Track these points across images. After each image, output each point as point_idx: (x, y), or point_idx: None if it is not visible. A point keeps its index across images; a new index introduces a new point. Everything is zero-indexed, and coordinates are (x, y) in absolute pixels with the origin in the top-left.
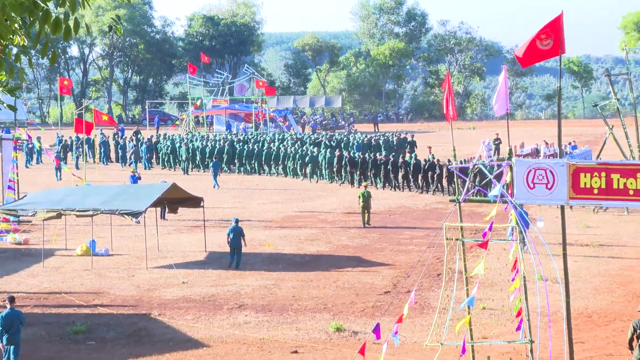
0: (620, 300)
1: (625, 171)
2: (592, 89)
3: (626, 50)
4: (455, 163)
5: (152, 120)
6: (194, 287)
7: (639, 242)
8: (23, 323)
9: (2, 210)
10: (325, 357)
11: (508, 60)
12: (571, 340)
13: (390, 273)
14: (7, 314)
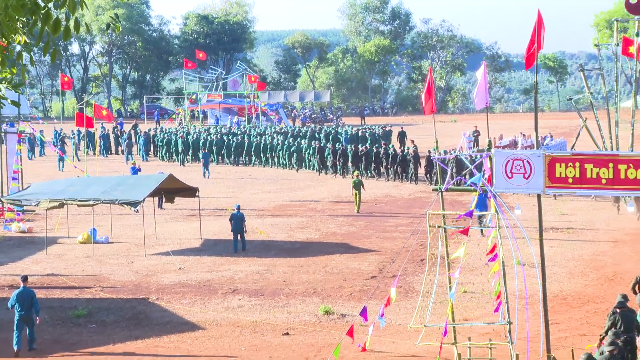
0: (594, 283)
1: (598, 161)
2: (566, 84)
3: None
4: (437, 154)
5: (152, 115)
6: (189, 272)
7: (611, 228)
8: (35, 301)
9: (7, 200)
10: (314, 339)
11: (487, 56)
12: (547, 322)
13: (376, 259)
14: (20, 291)
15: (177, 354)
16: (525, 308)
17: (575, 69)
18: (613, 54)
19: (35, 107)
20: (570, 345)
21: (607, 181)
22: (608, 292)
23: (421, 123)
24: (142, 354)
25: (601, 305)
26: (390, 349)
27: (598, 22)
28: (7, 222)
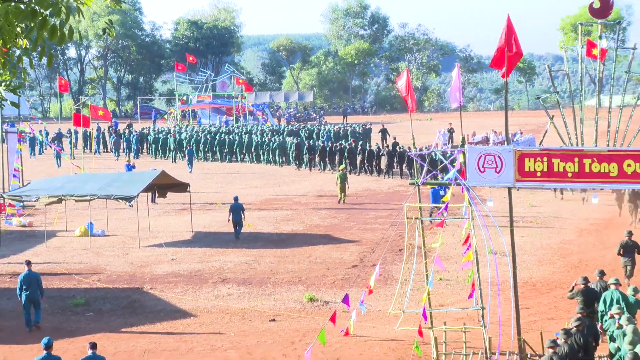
0: (561, 270)
1: (564, 156)
2: (535, 84)
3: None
4: (414, 150)
5: (146, 115)
6: (181, 263)
7: (577, 219)
8: (40, 283)
9: (8, 196)
10: (300, 325)
11: (461, 58)
12: (518, 307)
13: (358, 249)
14: (25, 274)
15: (170, 340)
16: (497, 294)
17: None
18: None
19: (35, 108)
20: (540, 328)
21: (573, 174)
22: (574, 278)
23: (399, 121)
24: (137, 340)
25: (568, 291)
26: (371, 333)
27: (564, 25)
28: (9, 216)
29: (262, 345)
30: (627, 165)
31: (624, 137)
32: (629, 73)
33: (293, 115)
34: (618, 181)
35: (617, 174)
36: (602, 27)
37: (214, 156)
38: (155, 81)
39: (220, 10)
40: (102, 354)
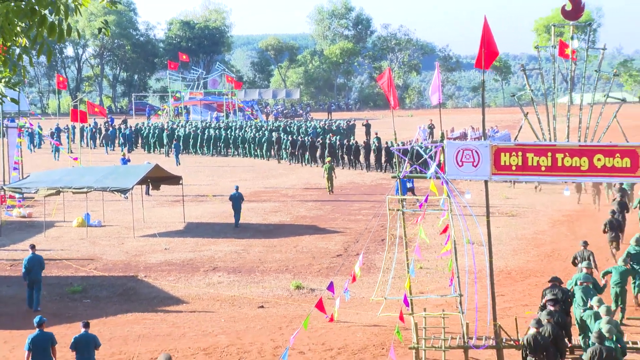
0: (535, 259)
1: (538, 151)
2: (510, 82)
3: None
4: (396, 145)
5: (141, 111)
6: (174, 252)
7: (549, 210)
8: (42, 265)
9: (9, 188)
10: (287, 311)
11: (440, 57)
12: (493, 294)
13: (342, 239)
14: (30, 257)
15: (163, 325)
16: (474, 282)
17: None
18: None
19: (34, 105)
20: (514, 314)
21: (546, 168)
22: (547, 267)
23: (381, 117)
24: (132, 325)
25: (541, 278)
26: (354, 319)
27: (538, 27)
28: (9, 208)
29: (251, 331)
30: (597, 160)
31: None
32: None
33: (281, 112)
34: (589, 175)
35: (587, 168)
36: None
37: (202, 150)
38: (149, 79)
39: (211, 11)
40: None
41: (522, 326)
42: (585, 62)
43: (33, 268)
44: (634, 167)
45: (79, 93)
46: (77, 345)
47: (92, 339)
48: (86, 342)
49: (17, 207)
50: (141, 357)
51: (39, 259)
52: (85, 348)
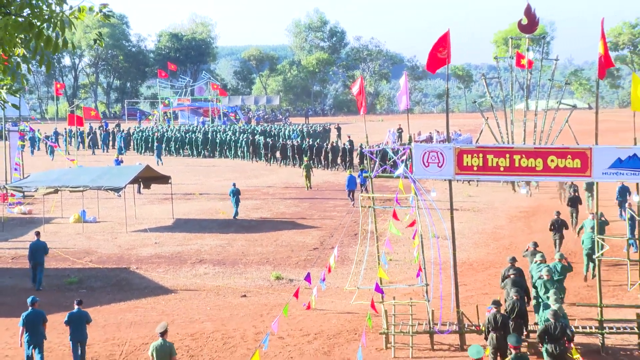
0: (494, 252)
1: (497, 152)
2: (472, 90)
3: (497, 59)
4: (367, 147)
5: (135, 116)
6: (164, 246)
7: (507, 207)
8: (46, 250)
9: (10, 187)
10: (267, 300)
11: (408, 67)
12: (457, 283)
13: (318, 233)
14: (34, 243)
15: (154, 313)
16: (439, 272)
17: (478, 77)
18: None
19: (34, 110)
20: (476, 302)
21: (505, 169)
22: (506, 259)
23: (354, 122)
24: (125, 313)
25: (500, 269)
26: (330, 307)
27: (497, 39)
28: (11, 205)
29: (235, 318)
30: (550, 161)
31: (548, 136)
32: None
33: (262, 117)
34: (543, 174)
35: (542, 168)
36: (529, 41)
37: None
38: (140, 86)
39: (197, 24)
40: (94, 326)
41: (482, 313)
42: (540, 71)
43: (37, 252)
44: (584, 168)
45: (75, 99)
46: (71, 321)
47: (84, 315)
48: (79, 317)
49: (18, 205)
50: (133, 342)
51: (42, 244)
52: (78, 323)
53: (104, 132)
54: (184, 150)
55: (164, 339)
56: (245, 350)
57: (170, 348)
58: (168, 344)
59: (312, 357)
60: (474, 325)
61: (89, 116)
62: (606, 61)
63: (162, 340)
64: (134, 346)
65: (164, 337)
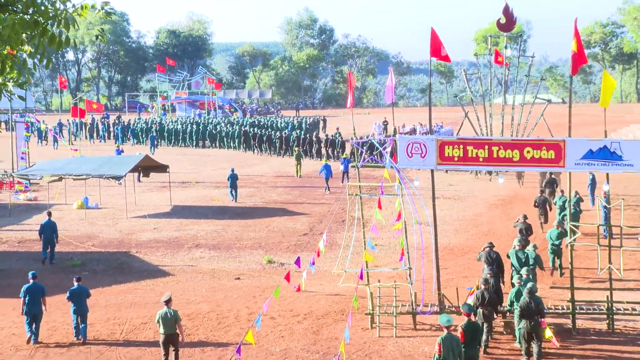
0: (473, 237)
1: (476, 144)
2: (453, 85)
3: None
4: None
5: (135, 108)
6: (162, 231)
7: (486, 196)
8: (55, 229)
9: (17, 175)
10: (260, 282)
11: (393, 63)
12: (438, 267)
13: (308, 220)
14: (46, 222)
15: (152, 295)
16: (422, 257)
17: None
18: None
19: (39, 102)
20: (456, 285)
21: (484, 159)
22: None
23: (342, 115)
24: (125, 295)
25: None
26: (318, 289)
27: (477, 37)
28: (17, 192)
29: (229, 299)
30: (526, 152)
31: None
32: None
33: (255, 110)
34: (520, 165)
35: (519, 159)
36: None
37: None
38: (140, 80)
39: (194, 21)
40: (96, 307)
41: (462, 295)
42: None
43: (47, 231)
44: (558, 158)
45: (78, 92)
46: (72, 296)
47: (84, 290)
48: (79, 293)
49: (24, 192)
50: (133, 321)
51: (52, 224)
52: (79, 298)
53: (103, 124)
54: (180, 141)
55: (169, 307)
56: (239, 330)
57: (175, 315)
58: (173, 311)
59: (301, 336)
60: (454, 306)
61: (91, 108)
62: (580, 58)
63: (167, 308)
64: (134, 325)
65: (168, 305)
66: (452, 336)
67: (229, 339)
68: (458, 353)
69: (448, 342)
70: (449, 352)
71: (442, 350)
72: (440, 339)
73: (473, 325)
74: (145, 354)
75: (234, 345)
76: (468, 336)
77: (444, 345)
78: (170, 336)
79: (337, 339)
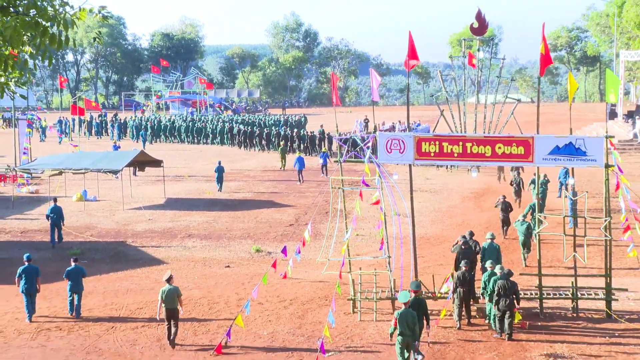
0: (448, 228)
1: (451, 140)
2: (429, 85)
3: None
4: (338, 135)
5: (131, 106)
6: (156, 222)
7: (461, 189)
8: (61, 213)
9: (19, 169)
10: (248, 270)
11: (374, 64)
12: (415, 256)
13: (294, 211)
14: (53, 207)
15: (147, 282)
16: (400, 246)
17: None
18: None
19: (40, 101)
20: (432, 272)
21: (458, 155)
22: (458, 234)
23: (326, 113)
24: (122, 282)
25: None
26: (303, 276)
27: (452, 40)
28: (20, 185)
29: (220, 286)
30: (498, 148)
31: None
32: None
33: (244, 108)
34: (491, 160)
35: (490, 154)
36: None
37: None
38: (136, 80)
39: (187, 25)
40: (94, 293)
41: (438, 282)
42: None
43: (55, 214)
44: (527, 154)
45: (77, 91)
46: (69, 275)
47: (80, 269)
48: (76, 272)
49: (26, 185)
50: (129, 307)
51: (59, 208)
52: (75, 277)
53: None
54: (173, 137)
55: (170, 284)
56: (229, 315)
57: (176, 290)
58: (174, 287)
59: (287, 321)
60: (430, 292)
61: (90, 107)
62: (546, 60)
63: (169, 285)
64: (130, 310)
65: (169, 282)
66: (408, 311)
67: (219, 322)
68: (413, 327)
69: (404, 316)
70: (405, 325)
71: (397, 323)
72: (397, 313)
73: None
74: (141, 336)
75: (225, 329)
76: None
77: (400, 319)
78: (172, 310)
79: (321, 323)
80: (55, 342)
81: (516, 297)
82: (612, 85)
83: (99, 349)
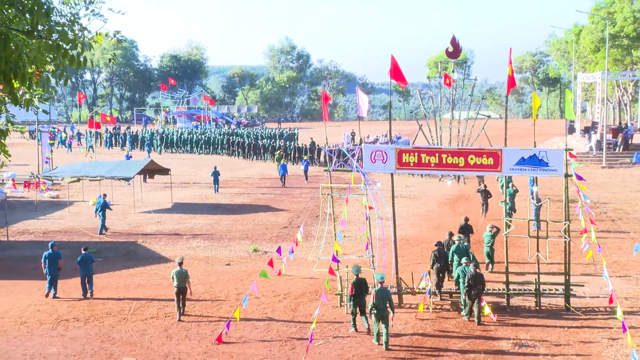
0: (426, 230)
1: (429, 152)
2: (410, 102)
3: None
4: (327, 147)
5: (142, 120)
6: (164, 224)
7: (436, 195)
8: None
9: (42, 176)
10: (247, 267)
11: (359, 83)
12: (396, 255)
13: (288, 215)
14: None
15: (156, 278)
16: (383, 246)
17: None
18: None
19: (61, 115)
20: (411, 270)
21: (435, 165)
22: (434, 235)
23: (317, 127)
24: (133, 278)
25: (430, 244)
26: (296, 273)
27: (429, 62)
28: (42, 191)
29: (221, 282)
30: (470, 159)
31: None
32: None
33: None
34: (464, 169)
35: (464, 165)
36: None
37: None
38: (146, 97)
39: (193, 48)
40: (107, 288)
41: (416, 279)
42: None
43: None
44: (496, 164)
45: (94, 107)
46: (81, 262)
47: (89, 256)
48: (87, 259)
49: (48, 191)
50: (140, 300)
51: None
52: (86, 263)
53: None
54: (179, 148)
55: (181, 267)
56: (229, 307)
57: (186, 273)
58: (184, 270)
59: (281, 313)
60: (409, 288)
61: (105, 121)
62: (512, 82)
63: (180, 268)
64: (141, 303)
65: (181, 266)
66: (383, 289)
67: (220, 315)
68: (387, 301)
69: (380, 293)
70: (380, 300)
71: (375, 298)
72: (374, 290)
73: (360, 281)
74: (150, 327)
75: (225, 320)
76: (356, 289)
77: (377, 295)
78: (182, 289)
79: (312, 315)
80: (73, 332)
81: (482, 287)
82: (570, 104)
83: (112, 338)
